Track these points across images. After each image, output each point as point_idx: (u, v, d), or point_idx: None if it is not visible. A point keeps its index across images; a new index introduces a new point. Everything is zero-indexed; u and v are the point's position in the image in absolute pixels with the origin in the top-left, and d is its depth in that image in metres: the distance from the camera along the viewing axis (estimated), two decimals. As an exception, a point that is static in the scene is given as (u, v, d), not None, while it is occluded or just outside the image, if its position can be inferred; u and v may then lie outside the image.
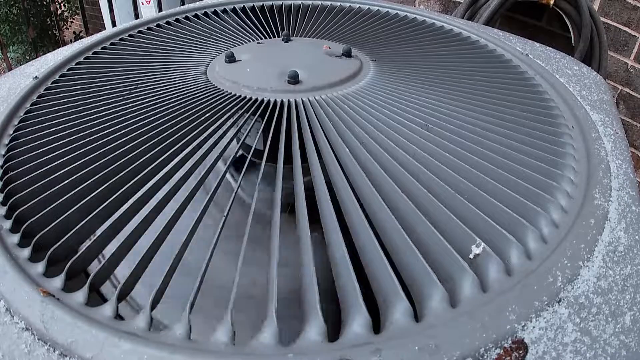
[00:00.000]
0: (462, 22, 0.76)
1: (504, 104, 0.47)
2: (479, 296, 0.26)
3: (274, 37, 0.68)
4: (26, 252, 0.31)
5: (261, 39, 0.66)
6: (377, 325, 0.26)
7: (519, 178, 0.35)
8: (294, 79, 0.45)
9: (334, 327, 0.26)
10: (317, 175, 0.36)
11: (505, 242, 0.30)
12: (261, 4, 0.81)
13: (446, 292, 0.26)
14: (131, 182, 0.36)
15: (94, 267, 0.30)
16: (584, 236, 0.31)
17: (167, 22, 0.72)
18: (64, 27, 4.16)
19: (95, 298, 0.30)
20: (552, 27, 1.38)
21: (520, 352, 0.24)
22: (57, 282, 0.29)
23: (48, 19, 3.88)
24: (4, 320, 0.26)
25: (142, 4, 1.89)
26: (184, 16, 0.76)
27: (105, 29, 2.04)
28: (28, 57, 3.73)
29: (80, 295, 0.27)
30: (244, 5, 0.80)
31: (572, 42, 1.25)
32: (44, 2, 3.88)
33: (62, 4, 3.97)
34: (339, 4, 0.82)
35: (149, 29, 0.71)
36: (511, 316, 0.25)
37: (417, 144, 0.39)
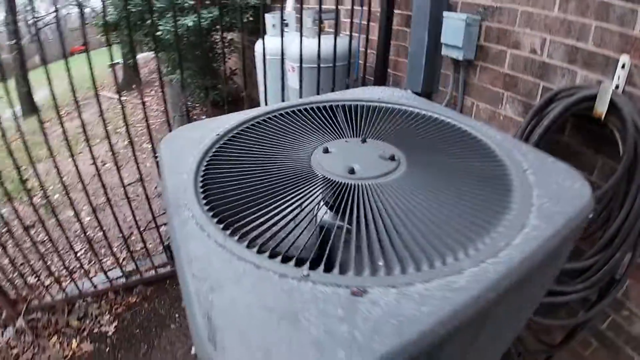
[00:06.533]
0: (505, 139, 1.02)
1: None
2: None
3: (361, 133, 1.06)
4: (226, 234, 0.72)
5: (350, 136, 1.05)
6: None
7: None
8: (352, 172, 0.82)
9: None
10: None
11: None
12: (357, 104, 1.21)
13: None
14: (265, 204, 0.76)
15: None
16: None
17: (293, 112, 1.16)
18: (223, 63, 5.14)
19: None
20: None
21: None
22: (247, 250, 0.68)
23: (210, 53, 4.87)
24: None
25: (289, 70, 2.47)
26: (306, 108, 1.19)
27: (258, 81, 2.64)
28: (190, 80, 4.70)
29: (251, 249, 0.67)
30: (344, 104, 1.21)
31: (620, 152, 1.42)
32: (209, 40, 4.82)
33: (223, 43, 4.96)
34: (412, 109, 1.18)
35: (283, 114, 1.15)
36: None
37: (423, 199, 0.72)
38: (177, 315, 2.38)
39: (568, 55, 1.66)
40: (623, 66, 1.47)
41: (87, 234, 2.32)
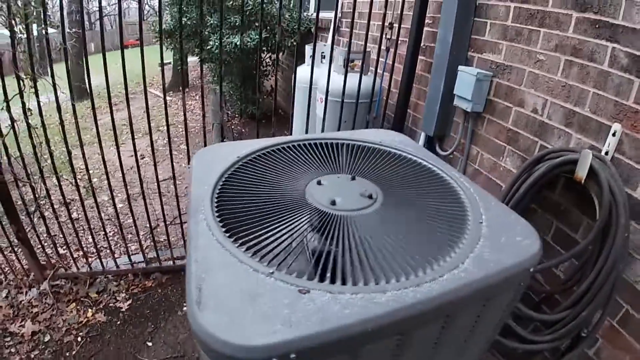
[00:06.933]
0: (477, 193, 1.17)
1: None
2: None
3: (353, 171, 1.27)
4: (226, 236, 0.94)
5: (344, 172, 1.26)
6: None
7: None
8: (334, 204, 1.03)
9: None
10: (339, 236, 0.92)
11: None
12: (360, 144, 1.42)
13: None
14: (273, 221, 0.98)
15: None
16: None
17: (305, 145, 1.38)
18: (264, 80, 5.47)
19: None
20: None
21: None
22: (237, 249, 0.90)
23: (254, 70, 5.23)
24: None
25: (318, 100, 2.73)
26: (316, 143, 1.41)
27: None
28: (232, 92, 5.08)
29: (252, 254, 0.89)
30: (349, 143, 1.42)
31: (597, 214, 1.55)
32: (255, 57, 5.17)
33: (258, 67, 5.27)
34: (405, 155, 1.38)
35: (296, 146, 1.38)
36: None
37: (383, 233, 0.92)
38: (185, 304, 2.62)
39: (565, 118, 1.82)
40: (614, 134, 1.61)
41: (119, 218, 2.61)
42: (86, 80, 2.13)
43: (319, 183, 1.14)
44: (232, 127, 5.62)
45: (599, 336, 1.72)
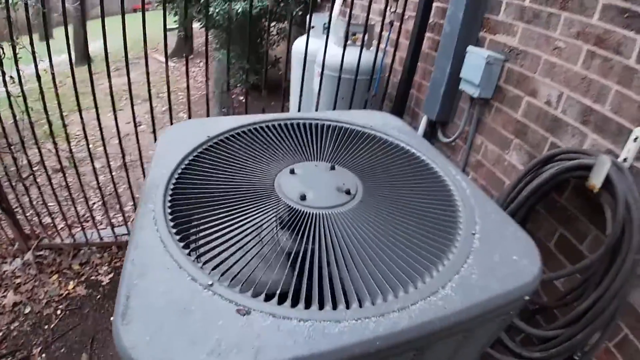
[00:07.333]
0: (474, 195, 1.03)
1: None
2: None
3: (334, 158, 1.13)
4: (172, 233, 0.82)
5: (324, 160, 1.12)
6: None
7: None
8: (304, 199, 0.90)
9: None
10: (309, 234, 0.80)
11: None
12: (347, 127, 1.28)
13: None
14: (230, 217, 0.85)
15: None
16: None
17: (286, 125, 1.24)
18: (270, 48, 5.22)
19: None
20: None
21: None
22: (181, 250, 0.78)
23: (258, 38, 5.00)
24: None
25: (316, 75, 2.56)
26: (299, 123, 1.26)
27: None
28: (234, 61, 4.86)
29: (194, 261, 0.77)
30: (335, 125, 1.28)
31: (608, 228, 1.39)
32: (259, 25, 4.94)
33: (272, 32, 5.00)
34: (397, 143, 1.23)
35: (275, 126, 1.23)
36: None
37: (355, 241, 0.79)
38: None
39: (582, 114, 1.64)
40: (635, 139, 1.43)
41: (107, 188, 2.50)
42: (85, 45, 1.97)
43: (292, 172, 1.01)
44: (234, 96, 5.44)
45: (594, 357, 1.59)
